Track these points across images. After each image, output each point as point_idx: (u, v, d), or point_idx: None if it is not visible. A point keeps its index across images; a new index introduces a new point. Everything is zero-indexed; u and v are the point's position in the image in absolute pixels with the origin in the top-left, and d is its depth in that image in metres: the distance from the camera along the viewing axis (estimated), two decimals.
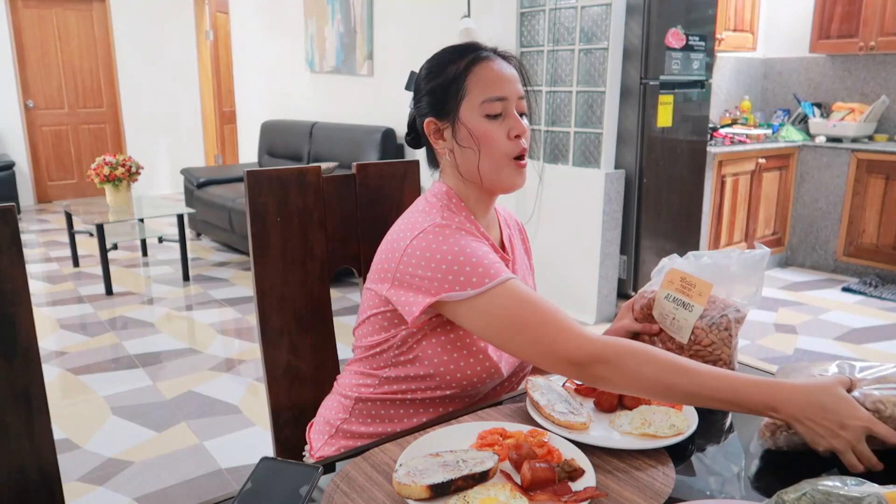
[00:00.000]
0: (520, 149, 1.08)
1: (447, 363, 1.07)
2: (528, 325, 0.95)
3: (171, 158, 7.89)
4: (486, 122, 1.06)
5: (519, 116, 1.09)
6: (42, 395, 0.97)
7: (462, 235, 1.03)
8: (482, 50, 1.10)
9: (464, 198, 1.12)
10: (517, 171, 1.09)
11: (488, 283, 0.97)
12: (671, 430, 0.95)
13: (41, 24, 6.99)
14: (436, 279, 0.99)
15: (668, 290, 1.13)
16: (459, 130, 1.08)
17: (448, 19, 3.98)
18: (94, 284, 4.39)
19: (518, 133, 1.07)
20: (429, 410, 1.11)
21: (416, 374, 1.09)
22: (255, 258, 1.22)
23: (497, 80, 1.07)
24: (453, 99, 1.08)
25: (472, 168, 1.09)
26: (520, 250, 1.24)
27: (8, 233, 0.92)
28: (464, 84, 1.07)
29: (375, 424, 1.13)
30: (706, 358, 1.09)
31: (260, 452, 2.31)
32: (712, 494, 0.84)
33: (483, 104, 1.06)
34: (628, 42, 3.45)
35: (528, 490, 0.80)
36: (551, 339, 0.94)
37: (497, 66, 1.08)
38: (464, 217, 1.10)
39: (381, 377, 1.12)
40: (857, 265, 4.46)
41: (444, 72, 1.09)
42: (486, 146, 1.07)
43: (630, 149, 3.56)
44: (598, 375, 0.92)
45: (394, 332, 1.09)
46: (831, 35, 4.59)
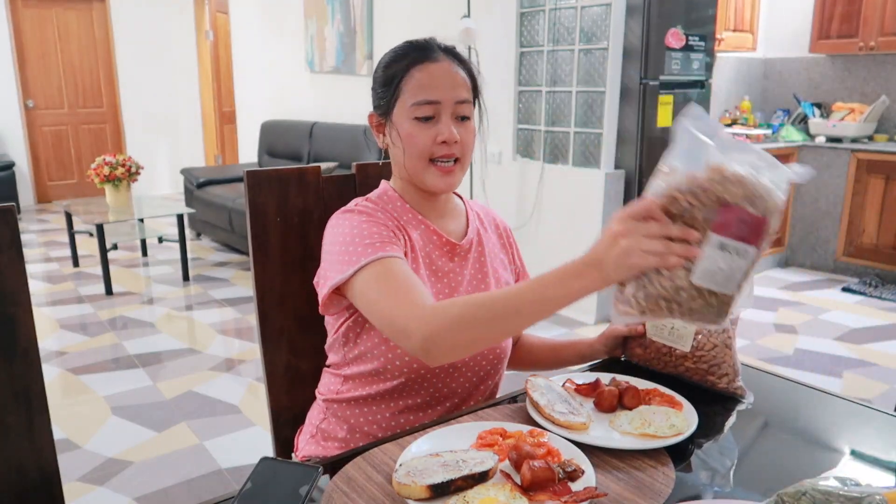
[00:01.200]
0: (443, 153, 1.08)
1: (386, 352, 1.09)
2: (379, 298, 0.97)
3: (171, 158, 7.89)
4: (413, 124, 1.08)
5: (459, 120, 1.09)
6: (42, 395, 0.97)
7: (359, 217, 1.07)
8: (429, 51, 1.09)
9: (402, 192, 1.16)
10: (439, 174, 1.10)
11: (362, 260, 1.00)
12: (671, 430, 0.95)
13: (41, 24, 6.99)
14: (333, 263, 1.03)
15: None
16: (391, 129, 1.11)
17: (448, 19, 3.98)
18: (94, 284, 4.39)
19: (444, 138, 1.07)
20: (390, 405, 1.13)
21: (367, 369, 1.12)
22: (255, 258, 1.22)
23: (432, 84, 1.07)
24: (390, 98, 1.10)
25: (401, 165, 1.12)
26: (492, 245, 1.24)
27: (8, 233, 0.92)
28: (399, 85, 1.08)
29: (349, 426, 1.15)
30: (710, 362, 1.10)
31: (260, 452, 2.31)
32: (712, 494, 0.84)
33: (412, 106, 1.07)
34: (628, 42, 3.45)
35: (527, 490, 0.80)
36: (391, 311, 0.94)
37: (438, 69, 1.08)
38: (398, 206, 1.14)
39: (343, 375, 1.16)
40: (857, 265, 4.46)
41: (388, 69, 1.11)
42: (409, 147, 1.09)
43: (630, 149, 3.56)
44: (431, 334, 0.89)
45: (337, 330, 1.14)
46: (831, 35, 4.59)
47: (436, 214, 1.17)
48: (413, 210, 1.15)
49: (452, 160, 1.10)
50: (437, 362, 0.92)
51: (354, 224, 1.06)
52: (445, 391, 1.14)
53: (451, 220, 1.19)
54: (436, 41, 1.12)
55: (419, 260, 1.12)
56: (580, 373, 1.17)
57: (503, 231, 1.29)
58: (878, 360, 3.19)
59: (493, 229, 1.27)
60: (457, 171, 1.11)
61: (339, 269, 1.02)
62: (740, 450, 0.94)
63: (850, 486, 0.71)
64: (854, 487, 0.70)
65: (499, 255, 1.25)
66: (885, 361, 3.17)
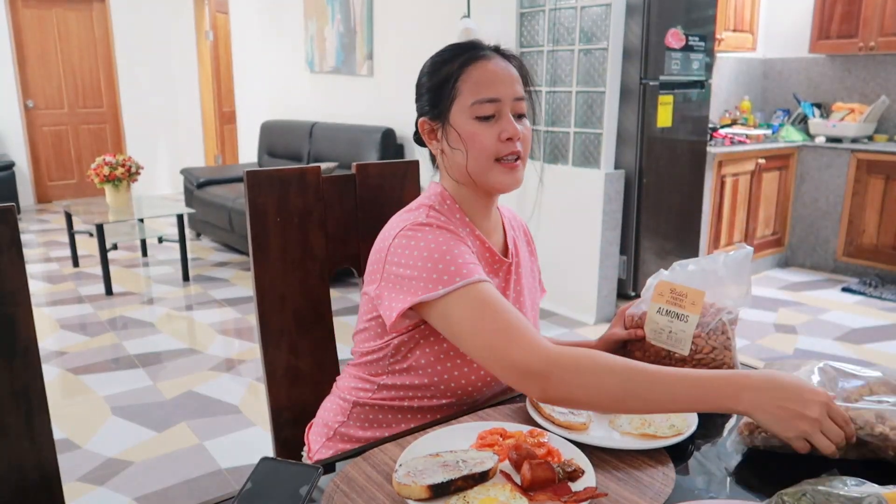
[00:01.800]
0: (508, 151, 1.06)
1: (441, 373, 1.06)
2: (485, 328, 0.93)
3: (171, 158, 7.89)
4: (475, 123, 1.05)
5: (517, 118, 1.07)
6: (42, 395, 0.97)
7: (440, 233, 1.02)
8: (480, 49, 1.07)
9: (459, 199, 1.11)
10: (506, 171, 1.07)
11: (458, 281, 0.96)
12: (671, 430, 0.95)
13: (41, 24, 6.99)
14: (413, 279, 0.98)
15: (659, 304, 1.11)
16: (449, 132, 1.07)
17: (448, 19, 3.98)
18: (94, 284, 4.39)
19: (509, 135, 1.05)
20: (426, 417, 1.11)
21: (411, 384, 1.08)
22: (255, 258, 1.22)
23: (490, 82, 1.04)
24: (446, 100, 1.06)
25: (462, 169, 1.08)
26: (524, 253, 1.22)
27: (8, 233, 0.92)
28: (456, 85, 1.05)
29: (373, 429, 1.13)
30: (710, 364, 1.09)
31: (260, 452, 2.31)
32: (712, 495, 0.84)
33: (473, 106, 1.04)
34: (628, 42, 3.45)
35: (527, 490, 0.80)
36: (504, 345, 0.91)
37: (493, 66, 1.05)
38: (457, 218, 1.09)
39: (378, 384, 1.12)
40: (857, 265, 4.46)
41: (439, 71, 1.08)
42: (472, 148, 1.05)
43: (630, 149, 3.56)
44: (551, 388, 0.88)
45: (387, 341, 1.08)
46: (831, 35, 4.59)
47: (485, 223, 1.14)
48: (470, 222, 1.11)
49: (515, 157, 1.07)
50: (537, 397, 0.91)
51: (440, 240, 1.00)
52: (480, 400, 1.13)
53: (494, 229, 1.16)
54: (481, 41, 1.10)
55: None
56: None
57: (528, 236, 1.28)
58: (878, 360, 3.19)
59: (521, 235, 1.25)
60: (520, 168, 1.08)
61: (423, 287, 0.96)
62: (741, 451, 0.94)
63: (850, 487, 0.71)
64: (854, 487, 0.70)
65: (528, 263, 1.24)
66: (885, 361, 3.17)
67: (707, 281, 1.10)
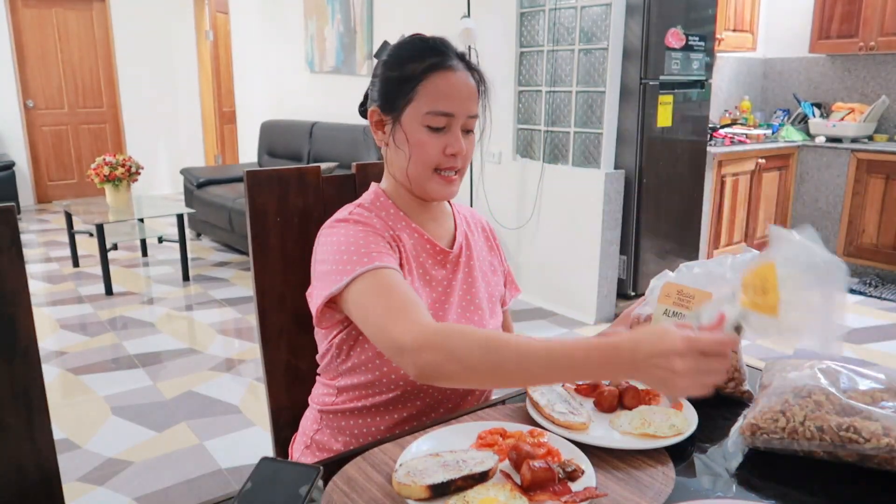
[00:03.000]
0: (449, 165, 1.07)
1: (380, 365, 1.07)
2: (376, 311, 0.93)
3: (171, 158, 7.89)
4: (424, 132, 1.05)
5: (464, 133, 1.08)
6: (42, 395, 0.97)
7: (355, 227, 1.04)
8: (447, 57, 1.06)
9: (393, 196, 1.14)
10: (443, 183, 1.08)
11: (357, 270, 0.97)
12: (671, 430, 0.95)
13: (41, 24, 6.99)
14: (328, 273, 1.00)
15: (665, 306, 1.10)
16: (398, 131, 1.07)
17: (448, 19, 3.98)
18: (94, 284, 4.39)
19: (454, 151, 1.06)
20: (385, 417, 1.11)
21: (360, 382, 1.10)
22: (254, 258, 1.22)
23: (449, 95, 1.04)
24: (402, 99, 1.06)
25: (402, 170, 1.09)
26: (480, 248, 1.23)
27: (8, 233, 0.92)
28: (416, 88, 1.04)
29: (345, 436, 1.14)
30: None
31: (260, 452, 2.31)
32: (712, 495, 0.84)
33: (427, 115, 1.04)
34: (628, 42, 3.45)
35: (527, 490, 0.80)
36: (387, 324, 0.90)
37: (455, 79, 1.05)
38: (391, 213, 1.11)
39: (337, 387, 1.14)
40: (857, 265, 4.46)
41: (402, 67, 1.06)
42: (416, 155, 1.06)
43: (630, 149, 3.56)
44: (422, 362, 0.85)
45: (330, 341, 1.11)
46: (831, 35, 4.59)
47: (426, 218, 1.15)
48: (405, 216, 1.12)
49: (454, 171, 1.09)
50: (425, 383, 0.89)
51: (350, 233, 1.03)
52: (439, 398, 1.13)
53: (439, 224, 1.17)
54: (450, 44, 1.08)
55: (413, 270, 1.10)
56: None
57: (490, 233, 1.28)
58: (878, 360, 3.19)
59: (479, 231, 1.26)
60: (457, 181, 1.11)
61: (333, 280, 0.99)
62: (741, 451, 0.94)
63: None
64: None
65: (487, 257, 1.24)
66: (885, 361, 3.17)
67: (714, 284, 1.09)
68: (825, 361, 0.96)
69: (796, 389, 0.91)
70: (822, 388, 0.90)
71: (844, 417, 0.86)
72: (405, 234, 1.11)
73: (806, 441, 0.87)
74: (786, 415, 0.89)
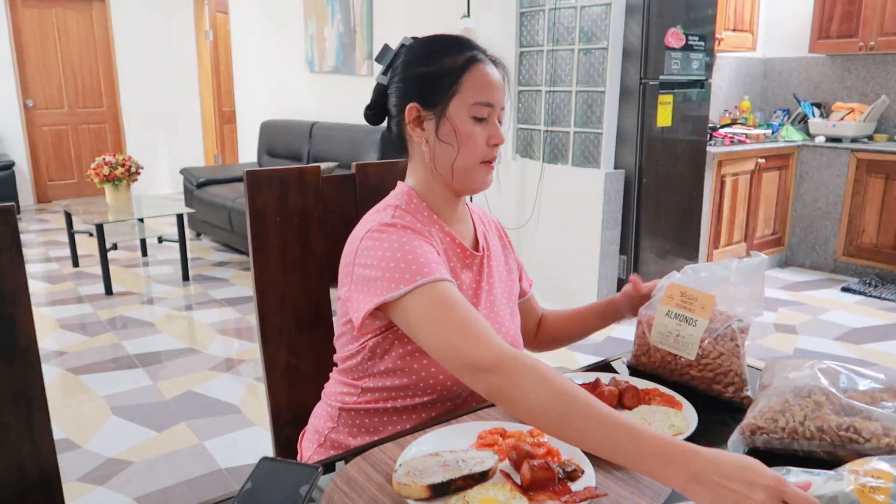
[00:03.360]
0: (493, 156, 1.10)
1: (419, 370, 1.06)
2: (442, 326, 0.92)
3: (170, 158, 7.89)
4: (471, 123, 1.06)
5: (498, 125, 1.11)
6: (42, 395, 0.97)
7: (405, 233, 1.02)
8: (479, 50, 1.09)
9: (425, 197, 1.12)
10: (487, 172, 1.11)
11: (418, 280, 0.95)
12: (671, 430, 0.95)
13: (41, 24, 6.99)
14: (378, 279, 0.98)
15: (668, 307, 1.11)
16: (444, 125, 1.06)
17: (448, 19, 3.98)
18: (93, 284, 4.39)
19: (497, 142, 1.09)
20: (412, 417, 1.10)
21: (392, 385, 1.08)
22: (254, 258, 1.22)
23: (490, 86, 1.07)
24: (445, 92, 1.05)
25: (447, 164, 1.08)
26: (496, 248, 1.24)
27: (8, 233, 0.92)
28: (460, 80, 1.05)
29: (362, 435, 1.13)
30: (717, 370, 1.08)
31: (260, 452, 2.31)
32: None
33: (474, 105, 1.05)
34: (628, 42, 3.45)
35: (527, 490, 0.80)
36: (459, 341, 0.90)
37: (491, 70, 1.08)
38: (424, 216, 1.10)
39: (361, 387, 1.12)
40: (857, 265, 4.46)
41: (439, 61, 1.06)
42: (466, 146, 1.06)
43: (630, 149, 3.56)
44: (494, 385, 0.85)
45: (362, 343, 1.09)
46: (831, 35, 4.59)
47: (455, 219, 1.15)
48: (438, 219, 1.12)
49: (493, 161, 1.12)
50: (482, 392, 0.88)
51: (403, 240, 1.01)
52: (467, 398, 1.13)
53: (465, 225, 1.18)
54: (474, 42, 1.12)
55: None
56: (580, 373, 1.17)
57: (501, 231, 1.30)
58: (878, 359, 3.19)
59: (493, 231, 1.26)
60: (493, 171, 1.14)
61: (386, 288, 0.97)
62: (742, 452, 0.94)
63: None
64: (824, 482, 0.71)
65: (502, 258, 1.25)
66: (885, 361, 3.18)
67: (719, 287, 1.09)
68: (825, 361, 0.96)
69: (796, 389, 0.91)
70: (823, 388, 0.90)
71: (844, 418, 0.86)
72: (438, 237, 1.10)
73: (806, 441, 0.87)
74: (786, 415, 0.89)
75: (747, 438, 0.91)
